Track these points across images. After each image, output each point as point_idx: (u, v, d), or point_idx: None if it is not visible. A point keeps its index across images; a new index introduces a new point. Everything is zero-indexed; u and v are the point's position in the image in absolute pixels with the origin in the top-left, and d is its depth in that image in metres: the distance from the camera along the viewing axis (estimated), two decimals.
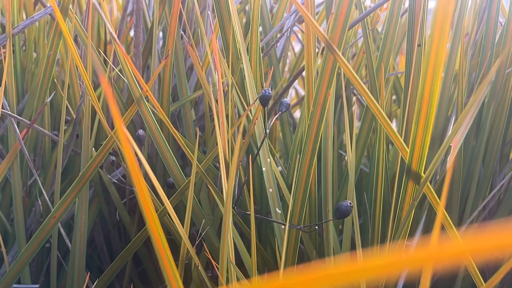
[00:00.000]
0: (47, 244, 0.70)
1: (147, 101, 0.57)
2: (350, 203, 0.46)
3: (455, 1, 0.24)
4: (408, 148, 0.39)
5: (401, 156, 0.47)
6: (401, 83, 0.89)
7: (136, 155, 0.31)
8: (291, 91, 1.22)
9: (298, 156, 0.46)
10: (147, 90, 0.45)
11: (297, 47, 1.48)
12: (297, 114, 1.28)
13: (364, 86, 0.38)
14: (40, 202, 0.69)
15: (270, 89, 0.50)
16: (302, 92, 1.14)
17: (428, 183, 0.39)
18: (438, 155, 0.36)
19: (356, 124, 0.96)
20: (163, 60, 0.50)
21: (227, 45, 0.58)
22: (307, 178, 0.46)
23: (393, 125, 1.07)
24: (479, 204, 0.73)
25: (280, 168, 0.80)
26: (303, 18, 0.83)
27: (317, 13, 0.82)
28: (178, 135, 0.52)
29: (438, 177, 0.66)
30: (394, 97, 0.93)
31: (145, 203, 0.33)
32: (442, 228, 0.71)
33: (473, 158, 0.72)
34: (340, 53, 0.37)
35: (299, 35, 0.99)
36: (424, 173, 0.40)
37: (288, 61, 1.04)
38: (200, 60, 0.75)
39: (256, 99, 0.51)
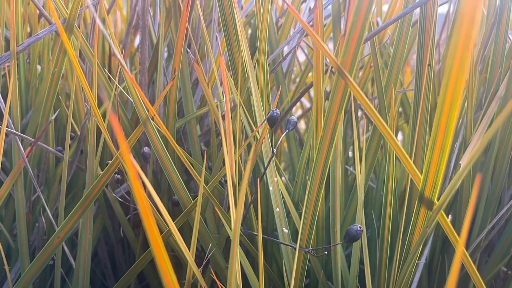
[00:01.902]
0: (51, 261, 0.69)
1: (152, 119, 0.56)
2: (360, 228, 0.46)
3: (474, 40, 0.23)
4: (421, 175, 0.38)
5: (411, 177, 0.47)
6: (407, 95, 0.88)
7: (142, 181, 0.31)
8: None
9: (308, 181, 0.45)
10: (154, 115, 0.44)
11: (301, 57, 1.47)
12: (301, 124, 1.27)
13: (376, 112, 0.37)
14: (43, 218, 0.69)
15: (277, 110, 0.50)
16: (307, 104, 1.13)
17: (442, 211, 0.38)
18: (453, 184, 0.35)
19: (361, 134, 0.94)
20: (170, 82, 0.49)
21: (234, 64, 0.57)
22: (316, 203, 0.46)
23: (399, 137, 1.06)
24: (488, 221, 0.72)
25: (283, 178, 0.79)
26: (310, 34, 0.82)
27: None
28: (184, 156, 0.52)
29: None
30: (400, 109, 0.92)
31: (151, 230, 0.32)
32: (453, 248, 0.70)
33: (482, 175, 0.71)
34: (351, 79, 0.37)
35: (303, 45, 0.98)
36: (437, 200, 0.39)
37: (293, 71, 1.03)
38: (206, 75, 0.74)
39: (264, 121, 0.50)
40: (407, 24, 0.53)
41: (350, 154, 0.96)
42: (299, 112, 1.32)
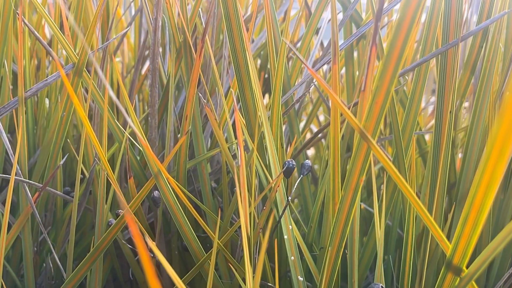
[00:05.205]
0: None
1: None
2: (382, 287, 0.44)
3: None
4: (449, 243, 0.36)
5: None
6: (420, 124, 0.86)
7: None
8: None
9: (327, 244, 0.43)
10: (167, 177, 0.42)
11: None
12: (310, 151, 1.25)
13: (402, 178, 0.35)
14: (50, 262, 0.67)
15: (293, 161, 0.48)
16: (315, 130, 1.11)
17: (473, 282, 0.36)
18: (485, 257, 0.33)
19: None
20: (180, 139, 0.48)
21: (246, 107, 0.56)
22: (336, 260, 0.44)
23: None
24: (508, 262, 0.69)
25: (293, 200, 0.77)
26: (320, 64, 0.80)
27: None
28: (195, 211, 0.50)
29: None
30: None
31: None
32: None
33: (501, 213, 0.69)
34: (374, 142, 0.35)
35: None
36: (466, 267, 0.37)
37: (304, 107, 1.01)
38: (215, 110, 0.73)
39: (280, 173, 0.49)
40: (424, 71, 0.51)
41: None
42: (308, 136, 1.30)
